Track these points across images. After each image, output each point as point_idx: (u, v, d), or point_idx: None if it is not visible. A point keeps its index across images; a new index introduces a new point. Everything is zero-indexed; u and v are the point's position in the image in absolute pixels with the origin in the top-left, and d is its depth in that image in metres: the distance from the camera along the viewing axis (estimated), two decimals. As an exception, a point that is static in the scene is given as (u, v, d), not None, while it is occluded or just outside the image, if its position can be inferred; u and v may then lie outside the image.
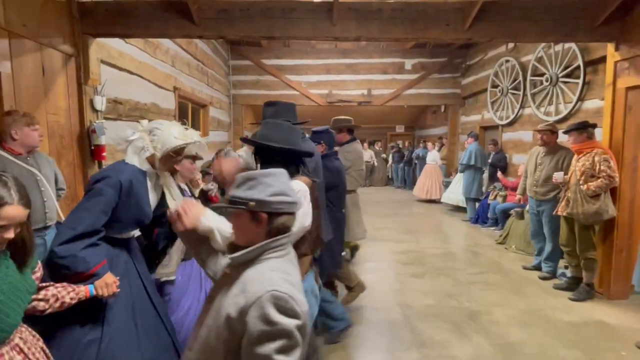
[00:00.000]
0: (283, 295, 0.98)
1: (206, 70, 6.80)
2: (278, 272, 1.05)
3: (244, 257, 1.09)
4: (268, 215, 1.09)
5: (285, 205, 1.10)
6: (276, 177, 1.13)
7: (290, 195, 1.12)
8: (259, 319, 0.97)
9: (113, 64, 3.65)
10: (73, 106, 3.11)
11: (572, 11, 3.32)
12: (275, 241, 1.09)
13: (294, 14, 3.21)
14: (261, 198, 1.08)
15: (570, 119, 5.15)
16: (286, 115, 2.29)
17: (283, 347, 0.96)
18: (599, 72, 4.63)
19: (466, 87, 8.80)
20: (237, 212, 1.12)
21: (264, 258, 1.09)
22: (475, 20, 3.25)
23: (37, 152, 2.41)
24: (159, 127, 1.78)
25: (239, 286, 1.06)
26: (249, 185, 1.11)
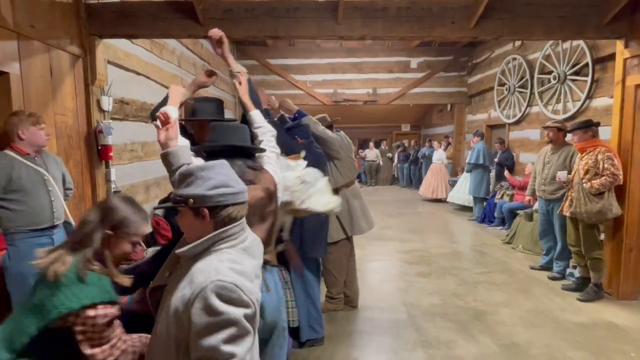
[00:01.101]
0: (227, 285, 0.96)
1: (212, 70, 6.82)
2: (226, 262, 1.03)
3: (191, 251, 1.07)
4: (210, 210, 1.06)
5: (228, 196, 1.07)
6: (214, 170, 1.09)
7: (232, 186, 1.08)
8: (203, 310, 0.95)
9: (120, 65, 3.68)
10: (80, 106, 3.14)
11: (580, 8, 3.27)
12: (224, 232, 1.07)
13: (298, 13, 3.21)
14: (199, 193, 1.05)
15: (578, 117, 5.09)
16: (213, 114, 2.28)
17: (230, 337, 0.95)
18: (608, 69, 4.56)
19: (472, 85, 8.73)
20: (181, 211, 1.09)
21: (214, 249, 1.06)
22: (482, 18, 3.22)
23: (44, 152, 2.44)
24: (313, 184, 1.87)
25: (186, 279, 1.04)
26: (187, 182, 1.08)
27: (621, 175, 3.30)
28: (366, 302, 3.46)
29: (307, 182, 1.79)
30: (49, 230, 2.33)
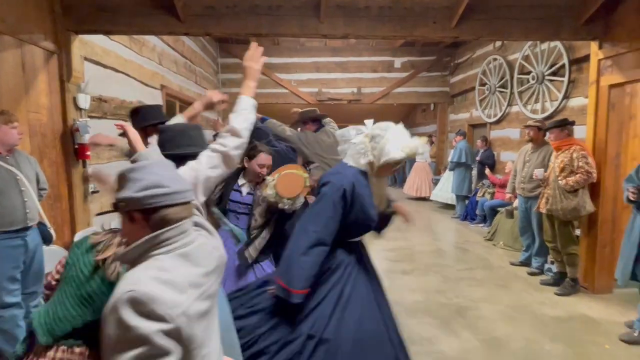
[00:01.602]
0: (140, 296, 0.86)
1: (194, 69, 6.73)
2: (152, 270, 0.92)
3: (125, 258, 0.99)
4: (142, 213, 0.97)
5: (161, 197, 0.97)
6: (147, 169, 1.01)
7: (166, 186, 0.98)
8: (114, 324, 0.86)
9: (97, 62, 3.59)
10: (55, 104, 3.04)
11: (556, 10, 3.36)
12: (156, 237, 0.96)
13: (281, 11, 3.19)
14: (128, 196, 0.97)
15: (556, 117, 5.22)
16: (155, 118, 2.29)
17: (139, 357, 0.83)
18: (584, 70, 4.70)
19: (455, 85, 8.86)
20: (120, 215, 1.02)
21: (149, 256, 0.96)
22: (462, 19, 3.27)
23: (17, 151, 2.35)
24: (382, 135, 1.75)
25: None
26: (120, 184, 1.01)
27: (595, 173, 3.40)
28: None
29: (376, 136, 1.76)
30: (22, 232, 2.25)
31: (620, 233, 3.50)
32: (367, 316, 1.72)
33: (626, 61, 3.24)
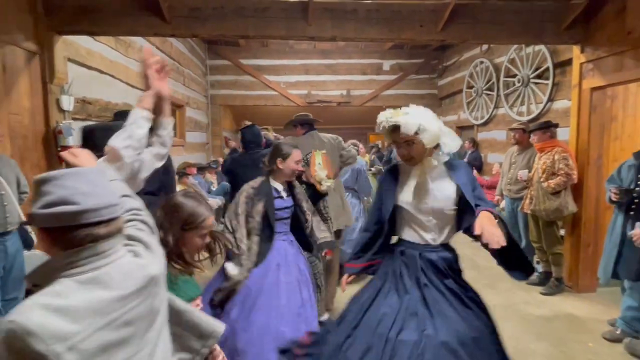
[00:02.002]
0: (18, 329, 0.73)
1: (182, 70, 6.67)
2: (46, 296, 0.80)
3: (31, 278, 0.88)
4: (46, 232, 0.85)
5: (67, 217, 0.83)
6: (59, 182, 0.85)
7: (76, 203, 0.84)
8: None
9: (81, 63, 3.53)
10: (38, 106, 2.98)
11: (540, 15, 3.43)
12: (63, 258, 0.84)
13: (268, 13, 3.19)
14: (33, 212, 0.85)
15: (541, 119, 5.30)
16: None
17: None
18: (567, 73, 4.79)
19: (443, 88, 8.96)
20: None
21: (56, 278, 0.83)
22: (448, 23, 3.31)
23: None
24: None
25: None
26: (33, 195, 0.88)
27: (575, 174, 3.47)
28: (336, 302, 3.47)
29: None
30: (2, 237, 2.20)
31: (603, 233, 3.57)
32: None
33: (606, 65, 3.32)
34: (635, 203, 2.69)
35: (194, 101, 7.44)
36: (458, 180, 1.67)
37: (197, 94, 7.73)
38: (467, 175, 1.71)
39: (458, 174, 1.70)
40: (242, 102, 8.76)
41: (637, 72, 3.01)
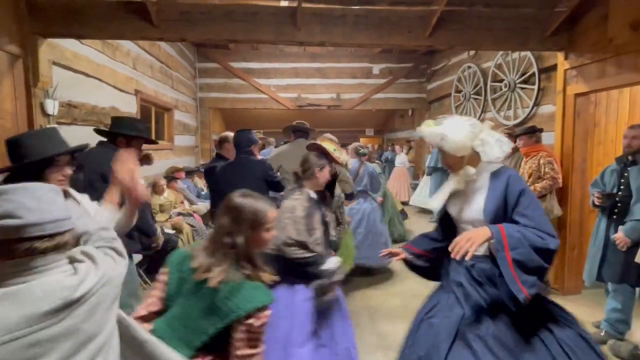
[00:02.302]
0: None
1: (171, 73, 6.61)
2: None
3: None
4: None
5: (8, 229, 0.87)
6: (7, 196, 0.90)
7: (19, 217, 0.87)
8: None
9: (67, 66, 3.47)
10: (21, 110, 2.92)
11: (525, 22, 3.49)
12: (3, 269, 0.87)
13: (257, 17, 3.18)
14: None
15: (527, 123, 5.39)
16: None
17: None
18: (552, 79, 4.88)
19: (431, 92, 9.05)
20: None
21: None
22: (436, 29, 3.35)
23: (-23, 159, 2.24)
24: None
25: None
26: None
27: (560, 178, 3.53)
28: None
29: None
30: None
31: (587, 236, 3.63)
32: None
33: (590, 71, 3.40)
34: (618, 207, 2.75)
35: (183, 104, 7.38)
36: (492, 191, 1.62)
37: (186, 97, 7.67)
38: (503, 187, 1.60)
39: (495, 184, 1.63)
40: (232, 105, 8.73)
41: (618, 78, 3.09)
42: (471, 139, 1.61)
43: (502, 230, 1.49)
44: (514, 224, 1.53)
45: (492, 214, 1.58)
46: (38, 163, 1.42)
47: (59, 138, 1.58)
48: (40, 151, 1.44)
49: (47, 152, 1.45)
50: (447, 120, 1.68)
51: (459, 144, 1.61)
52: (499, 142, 1.64)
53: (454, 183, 1.71)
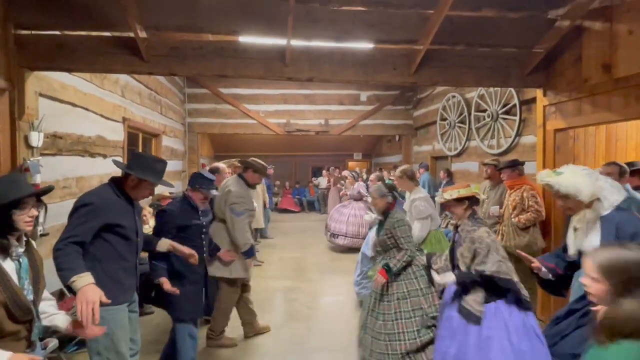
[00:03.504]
0: None
1: (159, 99, 6.63)
2: None
3: None
4: None
5: None
6: None
7: None
8: None
9: (54, 97, 3.46)
10: (4, 143, 2.87)
11: (505, 60, 3.65)
12: None
13: (246, 54, 3.25)
14: None
15: (510, 152, 5.56)
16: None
17: None
18: (533, 111, 5.06)
19: (417, 118, 9.26)
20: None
21: None
22: (420, 66, 3.47)
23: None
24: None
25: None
26: None
27: (543, 211, 3.61)
28: (318, 344, 3.40)
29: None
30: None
31: (571, 267, 3.70)
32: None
33: (567, 109, 3.54)
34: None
35: (171, 129, 7.37)
36: (606, 234, 1.84)
37: (174, 122, 7.67)
38: (614, 231, 1.82)
39: (608, 228, 1.85)
40: (221, 130, 8.76)
41: (593, 117, 3.22)
42: (592, 186, 1.87)
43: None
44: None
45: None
46: (5, 206, 1.44)
47: (25, 181, 1.61)
48: (5, 195, 1.45)
49: (12, 196, 1.46)
50: (567, 169, 1.98)
51: (588, 191, 1.87)
52: (616, 188, 1.91)
53: (576, 222, 1.97)
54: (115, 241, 2.03)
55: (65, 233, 1.90)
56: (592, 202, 1.91)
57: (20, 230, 1.51)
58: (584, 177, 1.91)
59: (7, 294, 1.39)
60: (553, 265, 2.16)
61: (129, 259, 2.11)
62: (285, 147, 12.61)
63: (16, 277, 1.46)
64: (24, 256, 1.53)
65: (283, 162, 13.77)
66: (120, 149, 4.91)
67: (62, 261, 1.78)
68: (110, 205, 2.02)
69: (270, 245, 7.75)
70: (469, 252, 2.29)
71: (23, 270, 1.51)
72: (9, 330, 1.41)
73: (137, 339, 2.26)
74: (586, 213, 1.92)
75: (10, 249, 1.47)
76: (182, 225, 2.68)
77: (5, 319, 1.39)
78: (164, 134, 6.83)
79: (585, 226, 1.93)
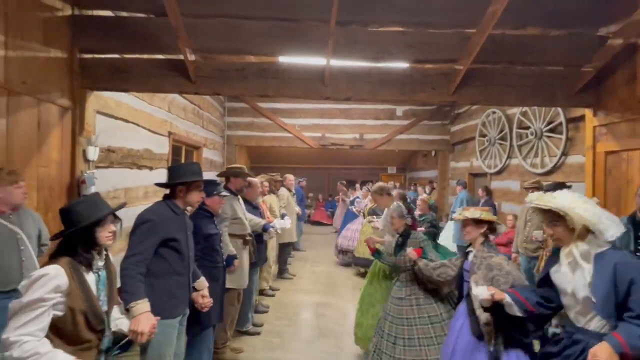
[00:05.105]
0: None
1: (202, 113, 6.95)
2: None
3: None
4: None
5: None
6: None
7: None
8: None
9: (109, 114, 3.73)
10: (65, 157, 3.14)
11: (550, 79, 3.51)
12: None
13: (286, 74, 3.36)
14: None
15: (555, 172, 5.29)
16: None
17: None
18: (580, 129, 4.81)
19: (455, 134, 9.05)
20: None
21: None
22: (460, 85, 3.42)
23: (22, 208, 2.40)
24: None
25: None
26: None
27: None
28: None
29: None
30: (16, 292, 2.23)
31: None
32: None
33: (620, 130, 3.34)
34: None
35: (211, 142, 7.68)
36: (600, 274, 1.62)
37: (215, 135, 8.00)
38: (611, 273, 1.59)
39: (603, 267, 1.63)
40: (258, 143, 9.01)
41: (651, 139, 3.02)
42: (587, 213, 1.66)
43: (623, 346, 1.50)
44: (630, 310, 1.55)
45: (603, 300, 1.59)
46: (89, 226, 1.59)
47: (103, 201, 1.75)
48: (88, 215, 1.60)
49: (95, 216, 1.61)
50: (560, 194, 1.76)
51: (582, 215, 1.64)
52: (614, 222, 1.67)
53: (564, 256, 1.74)
54: (170, 257, 2.16)
55: (129, 251, 2.06)
56: (585, 235, 1.69)
57: (102, 245, 1.66)
58: (579, 202, 1.69)
59: (87, 303, 1.53)
60: (527, 303, 1.86)
61: (182, 274, 2.23)
62: (319, 159, 12.72)
63: (95, 288, 1.60)
64: (103, 269, 1.68)
65: (316, 175, 13.88)
66: (165, 161, 5.18)
67: (125, 282, 1.94)
68: (167, 221, 2.16)
69: (303, 258, 7.80)
70: (485, 280, 2.17)
71: (101, 283, 1.65)
72: (85, 338, 1.55)
73: (181, 353, 2.36)
74: (577, 246, 1.69)
75: (93, 262, 1.62)
76: (207, 235, 2.80)
77: (84, 327, 1.53)
78: (205, 147, 7.13)
79: (573, 261, 1.70)
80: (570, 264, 1.72)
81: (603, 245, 1.67)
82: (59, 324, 1.48)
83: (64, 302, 1.48)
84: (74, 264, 1.55)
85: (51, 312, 1.45)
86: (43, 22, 2.80)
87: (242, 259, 3.46)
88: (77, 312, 1.50)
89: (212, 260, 2.81)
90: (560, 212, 1.68)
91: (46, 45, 2.84)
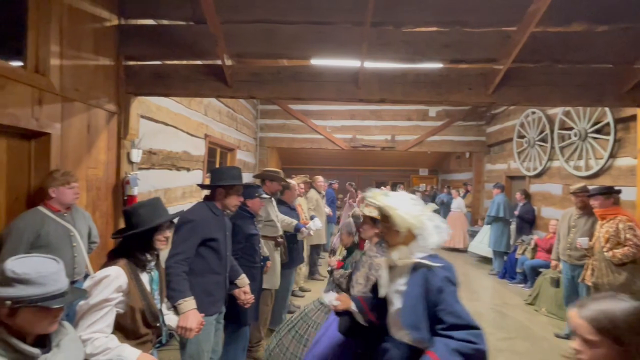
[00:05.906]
0: None
1: (236, 116, 7.13)
2: None
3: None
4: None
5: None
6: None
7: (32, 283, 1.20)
8: None
9: (151, 118, 3.92)
10: (111, 159, 3.32)
11: (598, 77, 3.31)
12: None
13: (320, 77, 3.38)
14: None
15: (601, 176, 4.99)
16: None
17: None
18: (631, 130, 4.51)
19: (491, 135, 8.75)
20: None
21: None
22: (499, 86, 3.30)
23: (74, 207, 2.56)
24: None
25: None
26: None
27: (645, 246, 3.17)
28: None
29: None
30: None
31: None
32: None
33: (677, 131, 3.10)
34: None
35: (244, 144, 7.86)
36: (408, 288, 1.57)
37: (248, 137, 8.18)
38: (421, 286, 1.53)
39: (412, 280, 1.58)
40: (289, 144, 9.12)
41: None
42: (414, 218, 1.60)
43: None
44: (441, 322, 1.49)
45: (410, 309, 1.53)
46: (149, 230, 1.70)
47: (162, 207, 1.84)
48: (150, 220, 1.70)
49: (155, 221, 1.71)
50: (394, 194, 1.72)
51: (406, 219, 1.59)
52: (438, 229, 1.61)
53: (386, 258, 1.72)
54: (209, 256, 2.24)
55: (172, 250, 2.16)
56: (410, 239, 1.63)
57: (157, 249, 1.76)
58: (408, 204, 1.63)
59: (145, 302, 1.64)
60: (370, 313, 1.79)
61: (220, 273, 2.31)
62: (350, 161, 12.69)
63: (149, 287, 1.71)
64: (155, 269, 1.78)
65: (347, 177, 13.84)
66: (201, 162, 5.36)
67: (171, 280, 2.03)
68: (207, 221, 2.25)
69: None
70: (363, 279, 2.08)
71: (154, 282, 1.76)
72: (142, 333, 1.66)
73: (218, 349, 2.43)
74: (401, 250, 1.62)
75: (147, 264, 1.72)
76: (248, 234, 2.86)
77: (141, 323, 1.65)
78: (239, 149, 7.31)
79: (393, 265, 1.65)
80: (391, 268, 1.67)
81: (422, 251, 1.61)
82: (120, 320, 1.60)
83: (124, 300, 1.59)
84: (131, 265, 1.66)
85: (114, 310, 1.56)
86: (93, 33, 2.98)
87: (275, 260, 3.52)
88: (135, 310, 1.61)
89: (251, 260, 2.88)
90: (384, 211, 1.64)
91: (95, 54, 3.03)
